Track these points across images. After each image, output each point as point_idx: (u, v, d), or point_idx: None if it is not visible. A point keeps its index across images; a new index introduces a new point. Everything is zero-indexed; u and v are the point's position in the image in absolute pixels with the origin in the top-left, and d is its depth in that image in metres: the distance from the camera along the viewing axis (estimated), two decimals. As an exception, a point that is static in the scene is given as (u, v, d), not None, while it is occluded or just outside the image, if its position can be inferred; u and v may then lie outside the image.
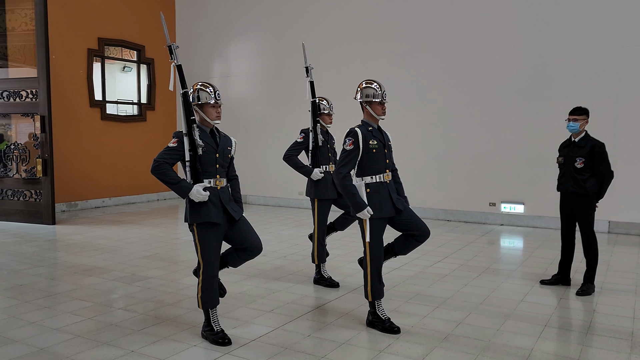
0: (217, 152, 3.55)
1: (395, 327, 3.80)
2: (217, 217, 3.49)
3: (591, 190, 4.66)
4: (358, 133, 3.77)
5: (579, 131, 4.73)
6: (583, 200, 4.71)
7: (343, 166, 3.75)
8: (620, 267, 5.71)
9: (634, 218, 7.62)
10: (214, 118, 3.58)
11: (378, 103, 3.85)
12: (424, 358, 3.38)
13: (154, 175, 3.44)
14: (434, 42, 8.96)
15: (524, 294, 4.75)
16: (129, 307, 4.37)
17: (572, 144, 4.78)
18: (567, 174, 4.76)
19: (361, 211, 3.70)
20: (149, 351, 3.46)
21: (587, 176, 4.66)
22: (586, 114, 4.71)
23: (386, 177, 3.87)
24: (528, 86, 8.23)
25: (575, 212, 4.78)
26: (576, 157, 4.69)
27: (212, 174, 3.53)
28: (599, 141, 4.69)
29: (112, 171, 10.66)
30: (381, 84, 3.90)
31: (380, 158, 3.84)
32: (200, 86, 3.60)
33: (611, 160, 7.55)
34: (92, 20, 10.21)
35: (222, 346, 3.53)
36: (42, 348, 3.51)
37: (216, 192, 3.53)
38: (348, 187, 3.72)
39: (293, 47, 10.46)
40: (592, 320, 4.10)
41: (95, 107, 10.33)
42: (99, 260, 6.01)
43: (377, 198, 3.78)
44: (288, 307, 4.40)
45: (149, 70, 11.45)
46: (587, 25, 7.79)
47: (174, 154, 3.48)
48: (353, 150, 3.76)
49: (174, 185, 3.44)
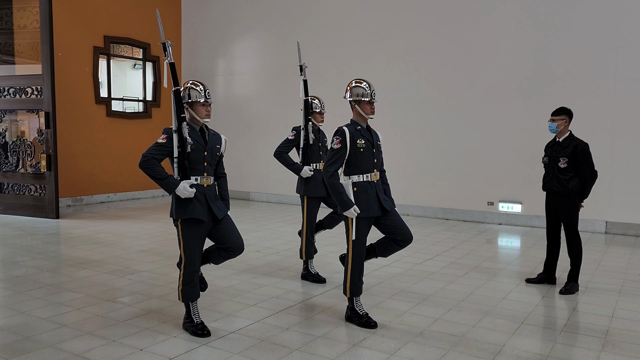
0: (205, 150, 3.61)
1: (372, 322, 3.86)
2: (201, 214, 3.56)
3: (574, 190, 4.68)
4: (346, 132, 3.81)
5: (558, 131, 4.75)
6: (566, 200, 4.73)
7: (331, 164, 3.78)
8: (610, 267, 5.71)
9: (631, 219, 7.59)
10: (203, 116, 3.63)
11: (367, 102, 3.88)
12: (396, 352, 3.45)
13: (141, 169, 3.51)
14: (433, 41, 8.98)
15: (507, 292, 4.79)
16: (117, 299, 4.50)
17: (556, 144, 4.80)
18: (551, 174, 4.79)
19: (348, 210, 3.73)
20: (129, 341, 3.58)
21: (570, 176, 4.68)
22: (566, 114, 4.73)
23: (374, 177, 3.89)
24: (527, 86, 8.22)
25: (559, 212, 4.81)
26: (559, 157, 4.71)
27: (199, 172, 3.60)
28: (582, 141, 4.70)
29: (117, 167, 10.85)
30: (370, 84, 3.92)
31: (368, 157, 3.86)
32: (190, 84, 3.66)
33: (609, 161, 7.61)
34: (98, 18, 10.40)
35: (201, 337, 3.63)
36: (27, 336, 3.64)
37: (202, 189, 3.60)
38: (335, 185, 3.75)
39: (293, 47, 10.55)
40: (570, 319, 4.13)
41: (100, 104, 10.52)
42: (96, 254, 6.16)
43: (364, 197, 3.81)
44: (272, 301, 4.49)
45: (154, 68, 11.62)
46: (586, 25, 7.76)
47: (162, 150, 3.55)
48: (340, 149, 3.79)
49: (161, 181, 3.51)
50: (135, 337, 3.66)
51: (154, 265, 5.69)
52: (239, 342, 3.59)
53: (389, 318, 4.08)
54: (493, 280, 5.20)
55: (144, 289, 4.82)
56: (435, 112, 9.01)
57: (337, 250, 6.38)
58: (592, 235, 7.59)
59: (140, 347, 3.48)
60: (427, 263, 5.88)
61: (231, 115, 11.54)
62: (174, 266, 5.63)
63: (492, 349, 3.50)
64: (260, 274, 5.38)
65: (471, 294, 4.72)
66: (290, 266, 5.71)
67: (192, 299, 3.72)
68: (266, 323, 3.95)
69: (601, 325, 3.96)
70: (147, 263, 5.77)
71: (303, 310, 4.31)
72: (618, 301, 4.53)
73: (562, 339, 3.70)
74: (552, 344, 3.61)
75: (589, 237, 7.39)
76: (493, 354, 3.41)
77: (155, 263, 5.77)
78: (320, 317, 4.10)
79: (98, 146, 10.48)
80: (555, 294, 4.76)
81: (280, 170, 10.45)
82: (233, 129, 11.46)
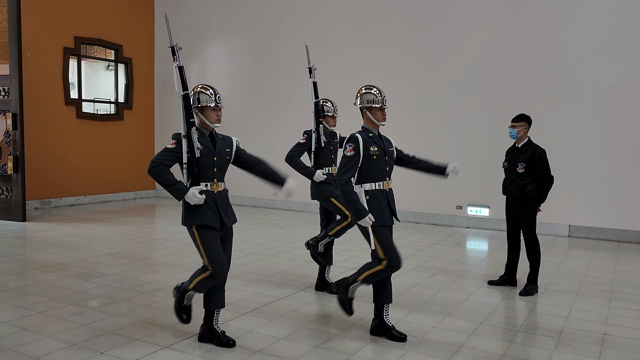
0: (214, 155, 3.51)
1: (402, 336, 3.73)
2: (212, 220, 3.46)
3: (531, 194, 4.83)
4: (359, 139, 3.71)
5: (518, 137, 4.90)
6: (524, 204, 4.88)
7: (344, 172, 3.66)
8: (570, 270, 5.89)
9: (593, 222, 7.81)
10: (213, 121, 3.53)
11: (378, 109, 3.81)
12: (357, 353, 3.51)
13: (150, 175, 3.41)
14: (401, 47, 9.12)
15: (469, 294, 4.90)
16: (80, 303, 4.46)
17: (516, 150, 4.95)
18: (510, 178, 4.94)
19: (362, 218, 3.60)
20: (90, 344, 3.56)
21: (528, 181, 4.83)
22: (525, 120, 4.89)
23: (386, 185, 3.80)
24: (493, 93, 8.41)
25: (517, 215, 4.95)
26: (518, 162, 4.86)
27: (209, 178, 3.50)
28: (539, 147, 4.86)
29: (87, 169, 10.71)
30: (381, 90, 3.86)
31: (380, 165, 3.77)
32: (200, 88, 3.56)
33: (572, 167, 7.85)
34: (68, 18, 10.27)
35: (227, 347, 3.56)
36: (-14, 340, 3.60)
37: (213, 195, 3.50)
38: (349, 193, 3.63)
39: (270, 49, 10.60)
40: (527, 319, 4.26)
41: (70, 106, 10.39)
42: (62, 257, 6.09)
43: (377, 206, 3.70)
44: (237, 304, 4.51)
45: (126, 70, 11.51)
46: (549, 34, 7.99)
47: (171, 156, 3.44)
48: (354, 157, 3.68)
49: (170, 187, 3.40)
50: (96, 340, 3.64)
51: (121, 268, 5.65)
52: (202, 344, 3.61)
53: (351, 320, 4.14)
54: (457, 283, 5.31)
55: (109, 292, 4.80)
56: (405, 117, 9.14)
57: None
58: (555, 238, 7.80)
59: (100, 351, 3.47)
60: (394, 266, 5.96)
61: (204, 118, 11.49)
62: (141, 269, 5.61)
63: (450, 349, 3.59)
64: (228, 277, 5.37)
65: (434, 296, 4.82)
66: (257, 270, 5.73)
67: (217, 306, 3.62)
68: (230, 325, 3.98)
69: (556, 325, 4.09)
70: (114, 266, 5.72)
71: (267, 313, 4.34)
72: (574, 302, 4.68)
73: (518, 338, 3.82)
74: (508, 343, 3.72)
75: (553, 241, 7.59)
76: (450, 354, 3.50)
77: (122, 266, 5.73)
78: (283, 320, 4.14)
79: (68, 148, 10.34)
80: (516, 296, 4.89)
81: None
82: (206, 132, 11.42)
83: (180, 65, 3.51)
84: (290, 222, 8.94)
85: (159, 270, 5.61)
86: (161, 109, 12.13)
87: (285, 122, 10.25)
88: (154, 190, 12.24)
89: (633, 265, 6.16)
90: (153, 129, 12.24)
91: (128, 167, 11.56)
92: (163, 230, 8.13)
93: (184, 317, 3.66)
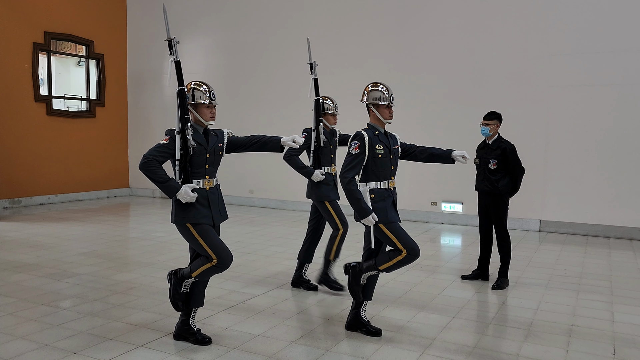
0: (207, 152, 3.47)
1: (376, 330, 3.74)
2: (204, 218, 3.42)
3: (503, 190, 4.94)
4: (365, 137, 3.66)
5: (490, 135, 5.00)
6: (496, 200, 4.99)
7: (348, 170, 3.60)
8: (540, 263, 6.03)
9: (562, 217, 8.01)
10: (207, 119, 3.49)
11: (385, 106, 3.76)
12: (332, 348, 3.55)
13: (142, 171, 3.31)
14: (377, 44, 9.19)
15: (443, 288, 4.99)
16: (52, 303, 4.40)
17: (486, 146, 5.06)
18: (482, 175, 5.04)
19: (366, 217, 3.56)
20: (62, 345, 3.52)
21: (500, 177, 4.94)
22: (497, 118, 4.99)
23: (391, 184, 3.75)
24: (467, 91, 8.54)
25: (490, 211, 5.05)
26: (490, 158, 4.96)
27: (201, 175, 3.46)
28: (509, 142, 4.98)
29: (59, 167, 10.51)
30: (388, 87, 3.82)
31: (385, 164, 3.73)
32: (194, 85, 3.51)
33: (543, 163, 8.04)
34: (38, 13, 10.05)
35: (202, 345, 3.52)
36: (-46, 342, 3.53)
37: (205, 193, 3.46)
38: (353, 192, 3.58)
39: (244, 47, 10.55)
40: (499, 312, 4.36)
41: (40, 102, 10.17)
42: (33, 257, 5.98)
43: (382, 205, 3.66)
44: (213, 302, 4.50)
45: (98, 66, 11.32)
46: (521, 33, 8.15)
47: (164, 152, 3.36)
48: (359, 154, 3.63)
49: (162, 184, 3.32)
50: (69, 340, 3.60)
51: (95, 267, 5.58)
52: (177, 342, 3.60)
53: (328, 315, 4.18)
54: (431, 277, 5.40)
55: (82, 292, 4.73)
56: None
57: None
58: (526, 233, 7.98)
59: (73, 351, 3.43)
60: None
61: (179, 116, 11.38)
62: (115, 268, 5.55)
63: (424, 342, 3.65)
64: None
65: (409, 291, 4.89)
66: (233, 267, 5.70)
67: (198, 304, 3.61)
68: (206, 323, 3.97)
69: (526, 317, 4.20)
70: (87, 266, 5.65)
71: (243, 310, 4.35)
72: (544, 295, 4.81)
73: (489, 331, 3.91)
74: (480, 336, 3.80)
75: (524, 235, 7.77)
76: (424, 347, 3.57)
77: (96, 266, 5.66)
78: (260, 317, 4.15)
79: (38, 146, 10.13)
80: (488, 289, 4.99)
81: (229, 171, 10.42)
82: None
83: (177, 60, 3.44)
84: (267, 220, 8.94)
85: (133, 269, 5.56)
86: (134, 105, 11.97)
87: (262, 120, 10.23)
88: (127, 188, 12.08)
89: (600, 258, 6.35)
90: (126, 126, 12.07)
91: (101, 165, 11.38)
92: (138, 229, 8.04)
93: (179, 305, 3.58)
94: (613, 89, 7.62)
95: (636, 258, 6.38)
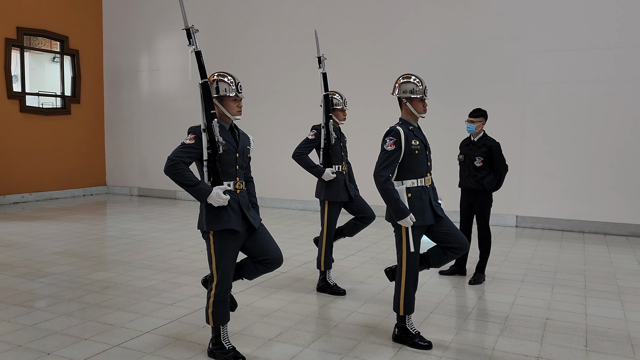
0: (237, 152, 3.20)
1: (425, 342, 3.51)
2: (237, 224, 3.13)
3: (489, 187, 4.99)
4: (400, 132, 3.48)
5: (476, 132, 5.05)
6: (481, 197, 5.04)
7: (384, 168, 3.41)
8: (516, 259, 6.12)
9: (538, 213, 8.15)
10: (235, 113, 3.22)
11: (419, 99, 3.58)
12: (310, 345, 3.54)
13: (168, 175, 3.04)
14: (357, 42, 9.21)
15: (421, 284, 5.01)
16: (26, 303, 4.31)
17: (471, 143, 5.10)
18: (467, 172, 5.08)
19: (404, 218, 3.38)
20: (36, 345, 3.45)
21: (485, 174, 4.99)
22: (483, 115, 5.04)
23: (427, 182, 3.57)
24: (444, 88, 8.60)
25: (474, 207, 5.10)
26: (475, 156, 5.01)
27: (231, 176, 3.17)
28: (494, 140, 5.04)
29: (33, 165, 10.30)
30: (422, 79, 3.64)
31: (422, 160, 3.54)
32: (218, 76, 3.23)
33: (519, 160, 8.15)
34: (10, 8, 9.82)
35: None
36: None
37: (235, 196, 3.17)
38: (390, 191, 3.38)
39: (222, 42, 10.46)
40: (475, 307, 4.42)
41: (13, 99, 9.95)
42: (5, 257, 5.85)
43: (418, 204, 3.47)
44: (191, 300, 4.46)
45: (73, 62, 11.11)
46: (497, 31, 8.24)
47: (191, 152, 3.07)
48: (395, 151, 3.44)
49: (192, 188, 3.03)
50: (43, 341, 3.53)
51: (69, 267, 5.48)
52: (153, 341, 3.56)
53: (306, 312, 4.18)
54: (409, 273, 5.42)
55: (57, 291, 4.65)
56: (361, 111, 9.24)
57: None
58: (503, 228, 8.09)
59: (47, 351, 3.36)
60: (349, 259, 6.04)
61: (157, 113, 11.27)
62: (90, 267, 5.46)
63: (401, 338, 3.67)
64: (181, 273, 5.32)
65: (387, 287, 4.91)
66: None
67: (224, 321, 3.25)
68: (183, 322, 3.93)
69: (502, 312, 4.26)
70: (62, 265, 5.55)
71: (222, 307, 4.32)
72: (520, 289, 4.88)
73: (466, 326, 3.95)
74: (456, 330, 3.84)
75: (501, 231, 7.87)
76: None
77: (70, 265, 5.56)
78: (235, 314, 4.13)
79: (11, 143, 9.91)
80: (465, 285, 5.05)
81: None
82: (159, 126, 11.20)
83: (197, 50, 3.19)
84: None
85: (109, 268, 5.48)
86: (111, 102, 11.79)
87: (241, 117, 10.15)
88: (104, 186, 11.90)
89: (575, 253, 6.47)
90: (103, 123, 11.88)
91: (77, 162, 11.19)
92: (114, 227, 7.92)
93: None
94: (587, 86, 7.76)
95: (609, 252, 6.51)
